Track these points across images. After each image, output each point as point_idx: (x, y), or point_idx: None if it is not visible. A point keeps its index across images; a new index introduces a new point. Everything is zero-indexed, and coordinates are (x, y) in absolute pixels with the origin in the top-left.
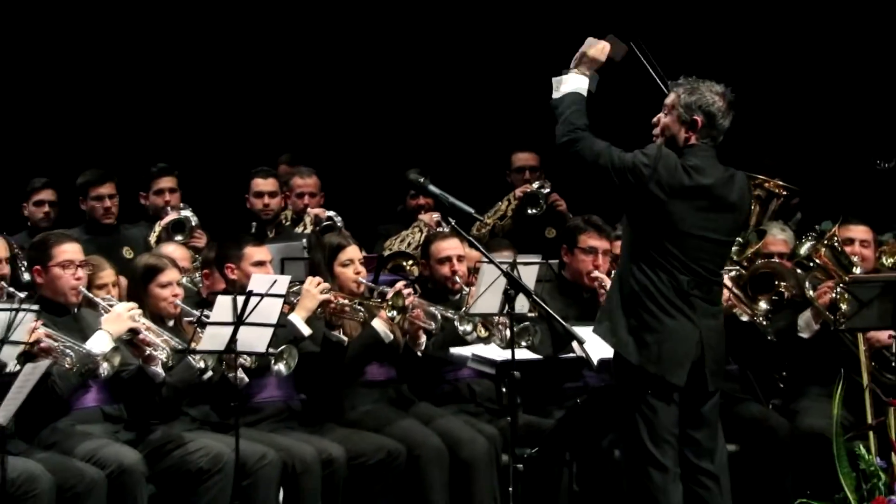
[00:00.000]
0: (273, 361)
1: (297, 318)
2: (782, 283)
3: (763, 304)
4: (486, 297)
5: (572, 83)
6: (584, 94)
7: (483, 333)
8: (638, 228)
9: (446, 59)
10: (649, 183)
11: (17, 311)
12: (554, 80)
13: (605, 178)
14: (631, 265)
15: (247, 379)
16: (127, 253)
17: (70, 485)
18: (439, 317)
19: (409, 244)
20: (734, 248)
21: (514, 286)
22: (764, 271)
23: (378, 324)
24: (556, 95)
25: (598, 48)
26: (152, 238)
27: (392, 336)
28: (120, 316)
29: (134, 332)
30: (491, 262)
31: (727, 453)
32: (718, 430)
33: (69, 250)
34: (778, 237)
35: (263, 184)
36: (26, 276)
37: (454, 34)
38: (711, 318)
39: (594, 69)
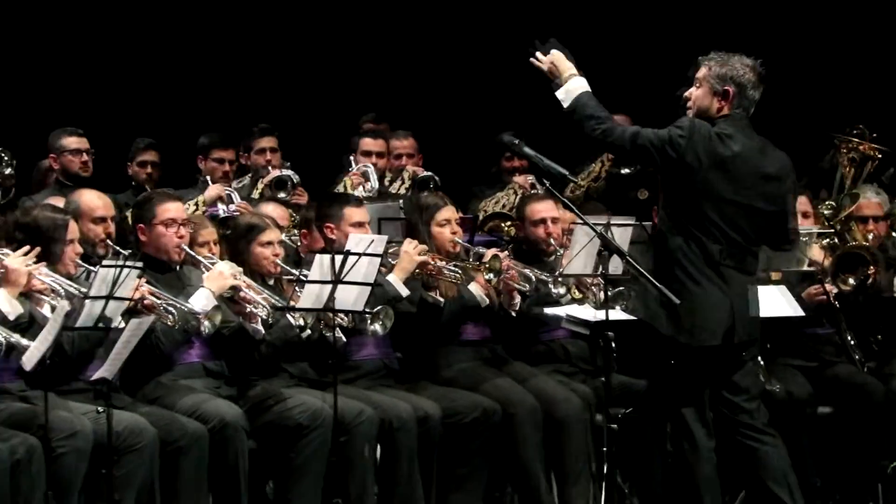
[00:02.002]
0: (369, 321)
1: (395, 279)
2: (872, 269)
3: (849, 283)
4: (580, 258)
5: (576, 86)
6: (589, 89)
7: (577, 295)
8: (675, 199)
9: (540, 25)
10: (686, 154)
11: (122, 268)
12: (557, 93)
13: (646, 156)
14: (663, 235)
15: (344, 338)
16: None
17: (173, 438)
18: (534, 279)
19: (503, 206)
20: (826, 212)
21: (608, 247)
22: (857, 252)
23: (475, 288)
24: (567, 105)
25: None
26: (255, 195)
27: (487, 301)
28: (221, 274)
29: (235, 289)
30: (585, 223)
31: (767, 415)
32: (755, 393)
33: (172, 209)
34: (872, 200)
35: (372, 144)
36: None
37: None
38: (744, 287)
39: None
